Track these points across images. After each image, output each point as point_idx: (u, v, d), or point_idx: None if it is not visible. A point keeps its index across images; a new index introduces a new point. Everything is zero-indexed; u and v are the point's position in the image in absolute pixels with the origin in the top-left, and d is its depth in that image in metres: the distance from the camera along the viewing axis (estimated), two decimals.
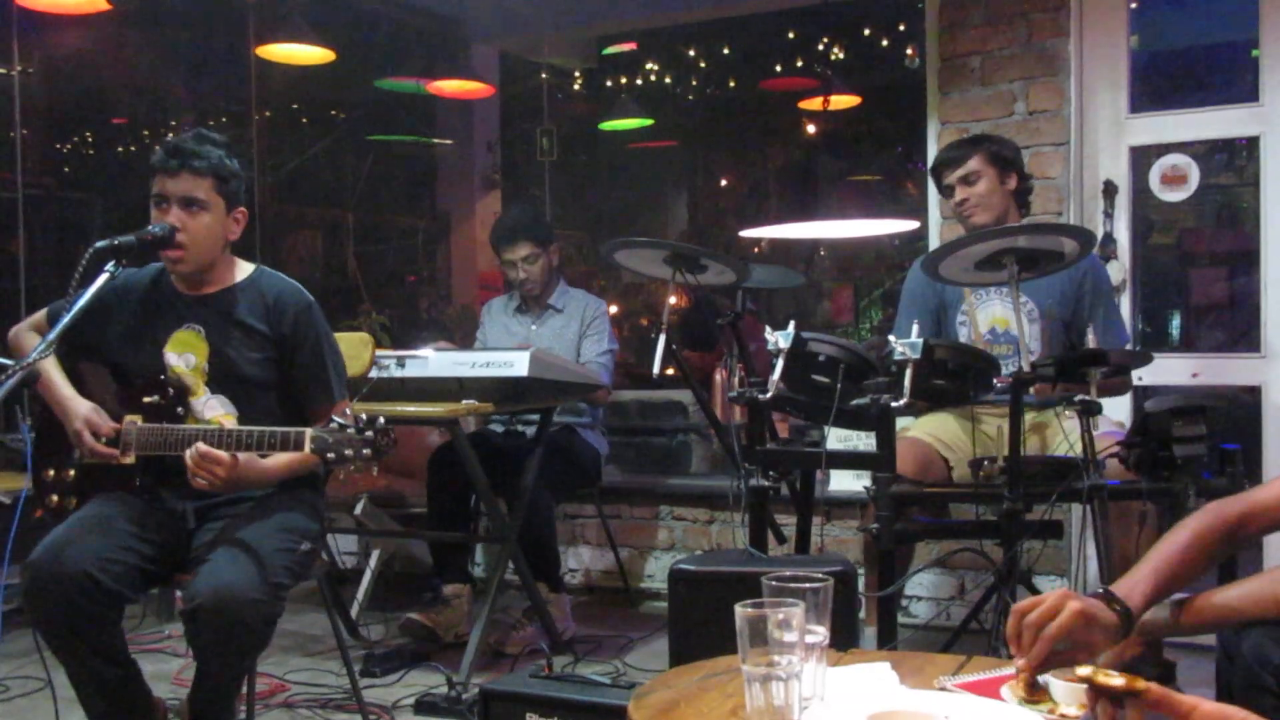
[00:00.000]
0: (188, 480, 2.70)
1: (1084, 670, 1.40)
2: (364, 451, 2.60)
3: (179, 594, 2.74)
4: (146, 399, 2.85)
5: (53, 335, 2.58)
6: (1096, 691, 1.39)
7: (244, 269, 3.01)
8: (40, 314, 3.05)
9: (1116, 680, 1.34)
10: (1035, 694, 1.66)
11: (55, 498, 2.91)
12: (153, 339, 2.91)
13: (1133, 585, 1.79)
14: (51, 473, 2.94)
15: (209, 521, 2.85)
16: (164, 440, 2.78)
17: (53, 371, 2.87)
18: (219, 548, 2.67)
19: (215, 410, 2.88)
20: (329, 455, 2.61)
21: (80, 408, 2.84)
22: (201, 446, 2.62)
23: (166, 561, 2.79)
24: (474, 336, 4.88)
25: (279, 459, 2.78)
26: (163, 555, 2.77)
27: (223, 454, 2.63)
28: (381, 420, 2.63)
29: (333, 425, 2.63)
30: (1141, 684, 1.33)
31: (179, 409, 2.85)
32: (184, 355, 2.90)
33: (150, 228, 2.78)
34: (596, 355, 4.47)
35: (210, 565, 2.61)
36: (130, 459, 2.82)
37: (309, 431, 2.63)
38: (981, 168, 3.59)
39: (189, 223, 2.82)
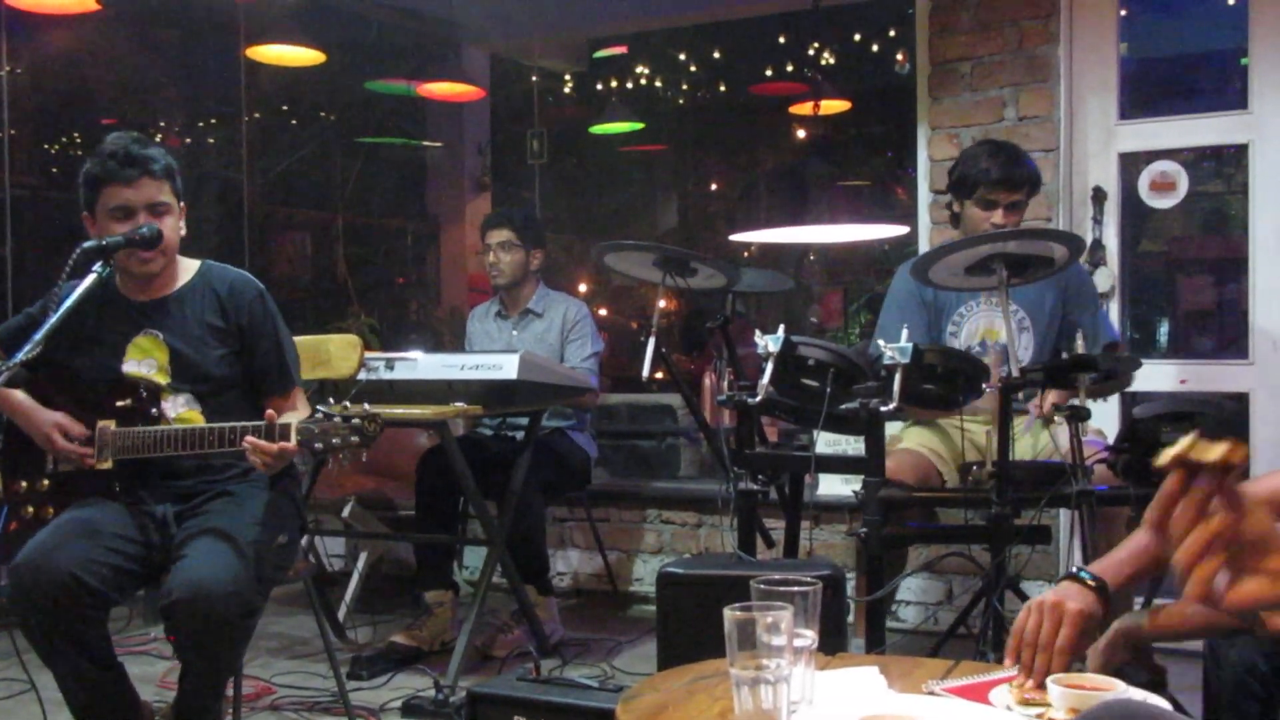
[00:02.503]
0: (166, 480, 2.73)
1: (1182, 442, 1.15)
2: (352, 439, 2.59)
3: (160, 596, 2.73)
4: (120, 403, 2.83)
5: (39, 336, 2.58)
6: (1185, 468, 1.16)
7: (189, 266, 2.99)
8: None
9: (1212, 453, 1.13)
10: (1036, 695, 1.66)
11: (31, 509, 2.89)
12: (109, 348, 2.88)
13: (1108, 564, 1.84)
14: (24, 484, 2.91)
15: (188, 520, 2.83)
16: (140, 443, 2.76)
17: (15, 387, 2.85)
18: (195, 543, 2.66)
19: (180, 409, 2.86)
20: (316, 445, 2.59)
21: (47, 415, 2.83)
22: (261, 442, 2.60)
23: (150, 563, 2.77)
24: (462, 339, 4.87)
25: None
26: (146, 557, 2.76)
27: (291, 445, 2.61)
28: (366, 406, 2.62)
29: (318, 415, 2.62)
30: (1235, 456, 1.13)
31: (153, 410, 2.83)
32: (144, 361, 2.88)
33: (139, 229, 2.77)
34: (582, 360, 4.44)
35: (186, 561, 2.61)
36: (107, 464, 2.80)
37: (294, 423, 2.61)
38: (1025, 197, 3.59)
39: (162, 226, 2.82)
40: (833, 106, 6.55)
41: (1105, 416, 4.02)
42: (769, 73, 7.09)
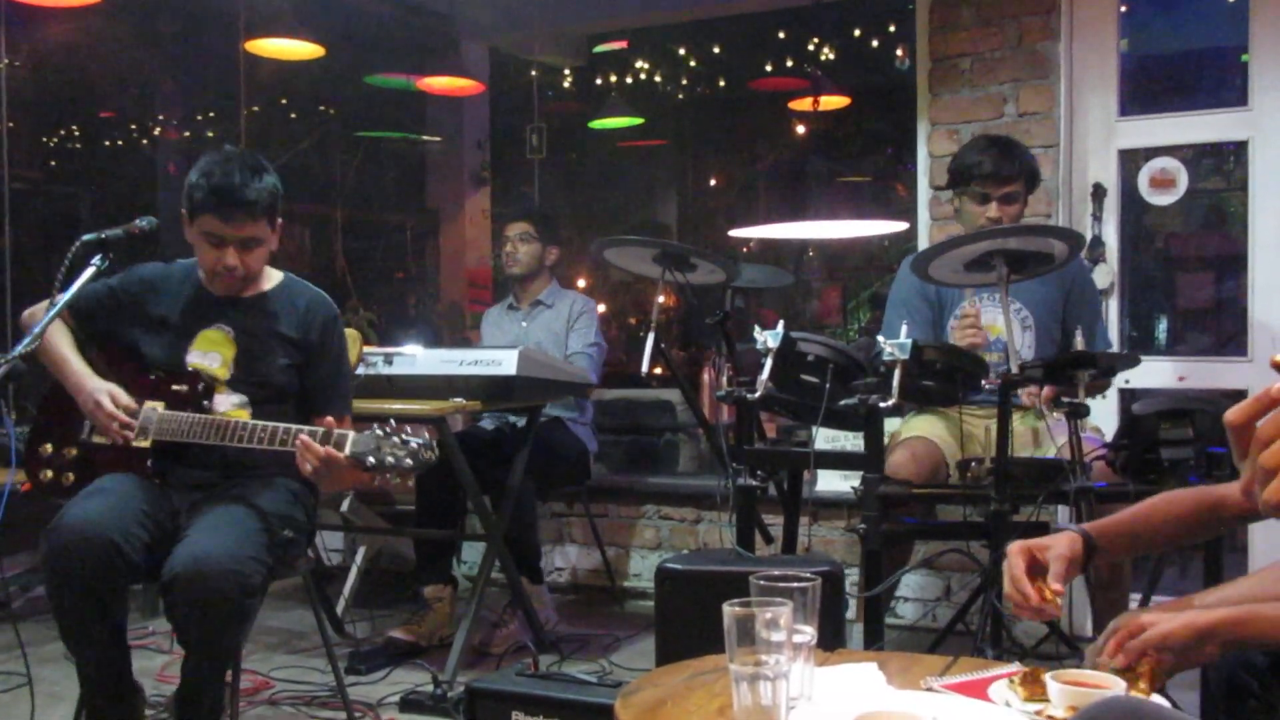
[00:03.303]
0: (197, 469, 2.79)
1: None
2: (405, 461, 2.63)
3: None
4: (175, 387, 2.87)
5: (39, 329, 2.60)
6: None
7: (273, 275, 3.04)
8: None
9: None
10: (1035, 690, 1.65)
11: (49, 473, 2.91)
12: (180, 334, 2.93)
13: (1097, 520, 1.98)
14: (49, 448, 2.94)
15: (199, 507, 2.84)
16: (189, 427, 2.80)
17: (65, 348, 2.91)
18: (199, 522, 2.68)
19: (229, 406, 2.89)
20: (369, 460, 2.62)
21: (99, 383, 2.86)
22: (319, 449, 2.64)
23: (160, 548, 2.78)
24: (461, 334, 4.87)
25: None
26: (160, 540, 2.77)
27: (343, 457, 2.65)
28: (427, 436, 2.66)
29: (376, 431, 2.65)
30: None
31: (205, 401, 2.86)
32: (208, 354, 2.92)
33: (137, 221, 2.79)
34: (583, 346, 4.48)
35: (188, 539, 2.63)
36: (145, 443, 2.83)
37: (351, 434, 2.64)
38: (1021, 191, 3.58)
39: (246, 259, 2.86)
40: (832, 102, 6.55)
41: (1104, 413, 4.02)
42: (769, 68, 7.08)
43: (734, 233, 7.74)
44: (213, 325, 2.93)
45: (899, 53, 5.42)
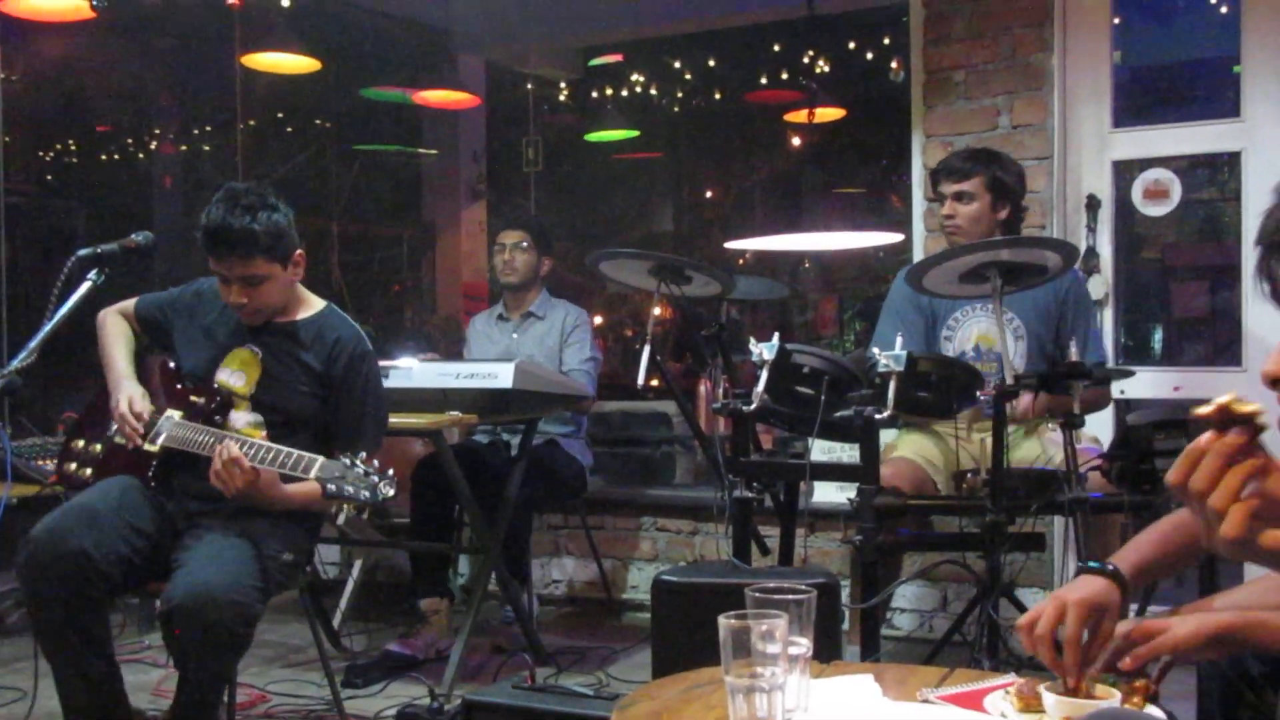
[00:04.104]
0: (194, 484, 2.80)
1: (1221, 399, 1.19)
2: (363, 494, 2.61)
3: (158, 603, 2.74)
4: (194, 399, 2.94)
5: (34, 344, 2.60)
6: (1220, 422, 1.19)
7: (314, 304, 3.09)
8: (130, 302, 3.16)
9: (1247, 408, 1.17)
10: (1031, 702, 1.66)
11: (73, 465, 3.01)
12: (217, 350, 2.99)
13: (1125, 550, 1.82)
14: (82, 443, 3.04)
15: (195, 529, 2.84)
16: (192, 439, 2.83)
17: (114, 348, 3.04)
18: (198, 548, 2.69)
19: (243, 424, 2.92)
20: (329, 488, 2.61)
21: (130, 385, 2.96)
22: (234, 449, 2.65)
23: (150, 559, 2.79)
24: (457, 347, 4.87)
25: (298, 488, 2.80)
26: (150, 551, 2.79)
27: (247, 463, 2.66)
28: (391, 473, 2.65)
29: (343, 461, 2.65)
30: (1262, 419, 1.17)
31: (218, 417, 2.90)
32: (236, 372, 2.96)
33: (133, 236, 2.83)
34: (580, 363, 4.46)
35: (188, 567, 2.63)
36: (154, 447, 2.87)
37: (320, 459, 2.65)
38: (978, 191, 3.57)
39: (253, 295, 2.90)
40: (827, 114, 6.56)
41: (1099, 424, 4.03)
42: (764, 80, 7.09)
43: (730, 244, 7.74)
44: (245, 345, 2.98)
45: (893, 65, 5.43)
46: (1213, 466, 1.16)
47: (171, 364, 3.06)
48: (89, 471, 2.97)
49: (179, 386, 3.00)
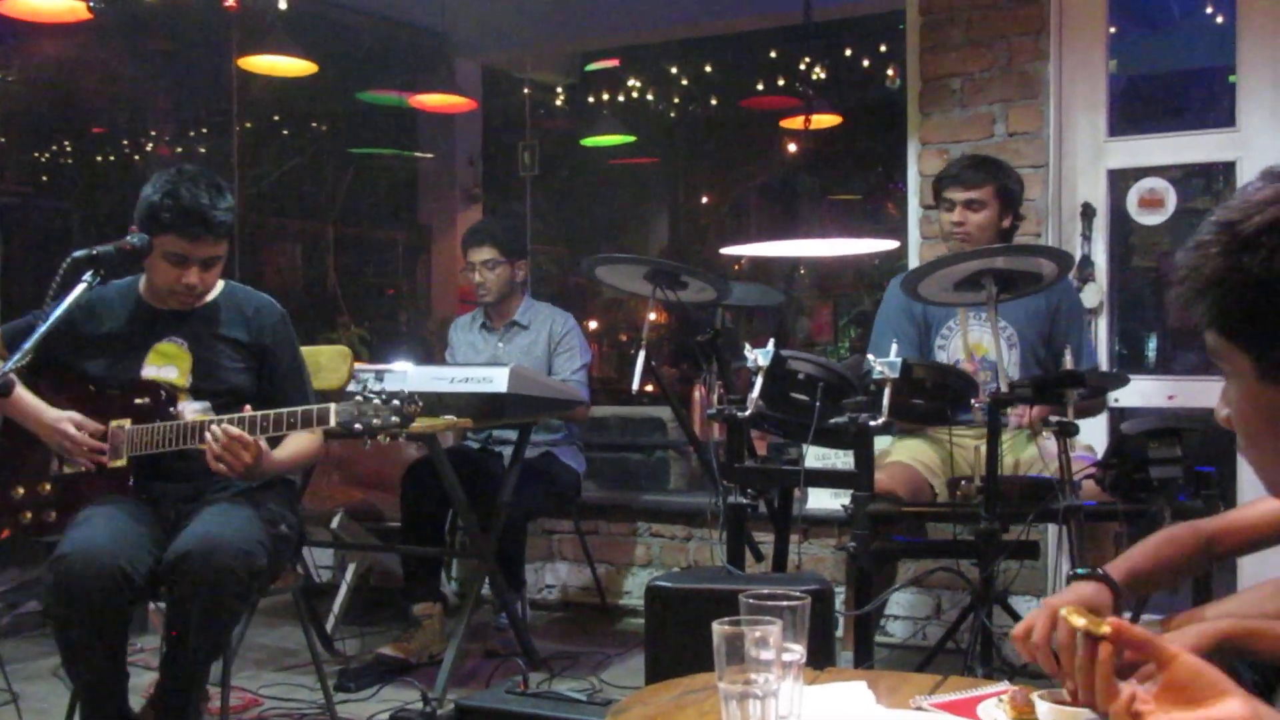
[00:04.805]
0: (179, 480, 2.79)
1: (1062, 611, 1.33)
2: (392, 420, 2.66)
3: (151, 607, 2.74)
4: (138, 401, 2.86)
5: (29, 344, 2.58)
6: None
7: (218, 284, 3.05)
8: None
9: (1079, 620, 1.27)
10: (1024, 710, 1.65)
11: (29, 514, 2.88)
12: (131, 351, 2.93)
13: (1120, 559, 1.85)
14: (21, 490, 2.90)
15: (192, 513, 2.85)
16: (161, 437, 2.79)
17: (17, 386, 2.82)
18: (202, 513, 2.73)
19: (193, 413, 2.88)
20: (356, 426, 2.65)
21: (57, 412, 2.83)
22: (231, 428, 2.65)
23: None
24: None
25: (288, 449, 2.85)
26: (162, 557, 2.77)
27: (249, 436, 2.66)
28: (405, 389, 2.69)
29: (356, 399, 2.68)
30: (1105, 628, 1.24)
31: (170, 409, 2.86)
32: (164, 366, 2.92)
33: (129, 238, 2.79)
34: (572, 373, 4.44)
35: (194, 524, 2.67)
36: (120, 461, 2.82)
37: (333, 405, 2.67)
38: (989, 199, 3.58)
39: (206, 277, 2.90)
40: (823, 121, 6.57)
41: (1094, 432, 4.03)
42: (760, 87, 7.11)
43: (725, 250, 7.75)
44: (165, 339, 2.94)
45: (890, 72, 5.45)
46: (1104, 682, 1.21)
47: (88, 381, 2.92)
48: (54, 513, 2.85)
49: (109, 396, 2.88)
